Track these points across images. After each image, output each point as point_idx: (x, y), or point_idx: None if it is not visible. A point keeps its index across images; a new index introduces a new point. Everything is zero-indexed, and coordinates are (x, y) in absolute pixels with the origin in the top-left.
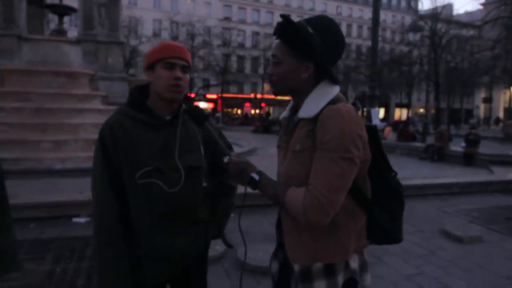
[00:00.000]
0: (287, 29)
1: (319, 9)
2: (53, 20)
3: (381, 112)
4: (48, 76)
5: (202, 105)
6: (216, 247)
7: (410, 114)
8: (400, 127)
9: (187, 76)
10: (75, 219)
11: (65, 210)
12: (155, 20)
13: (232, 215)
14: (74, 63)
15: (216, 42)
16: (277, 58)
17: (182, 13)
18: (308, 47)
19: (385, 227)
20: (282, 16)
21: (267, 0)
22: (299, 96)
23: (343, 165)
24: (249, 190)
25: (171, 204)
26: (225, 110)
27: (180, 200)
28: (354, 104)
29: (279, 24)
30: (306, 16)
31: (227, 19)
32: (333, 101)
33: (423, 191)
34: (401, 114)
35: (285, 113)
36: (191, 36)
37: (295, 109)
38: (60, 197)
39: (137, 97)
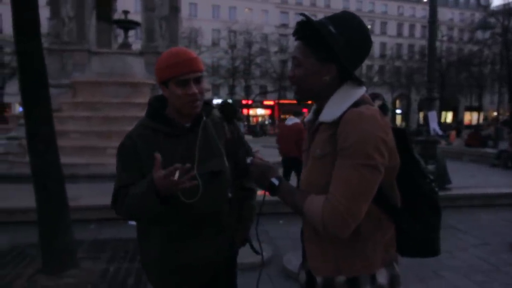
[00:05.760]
0: (307, 29)
1: (378, 10)
2: (121, 35)
3: (449, 116)
4: (114, 86)
5: (259, 111)
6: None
7: (481, 119)
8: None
9: (203, 84)
10: (130, 222)
11: None
12: (214, 30)
13: (281, 221)
14: (137, 74)
15: (273, 49)
16: (297, 60)
17: (240, 22)
18: (329, 47)
19: (418, 238)
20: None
21: (324, 4)
22: (322, 100)
23: (365, 173)
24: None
25: (195, 211)
26: (282, 116)
27: (202, 207)
28: (382, 106)
29: (298, 23)
30: (364, 19)
31: (284, 25)
32: (357, 104)
33: (492, 201)
34: (471, 118)
35: (309, 117)
36: (248, 44)
37: (318, 112)
38: None
39: (156, 108)
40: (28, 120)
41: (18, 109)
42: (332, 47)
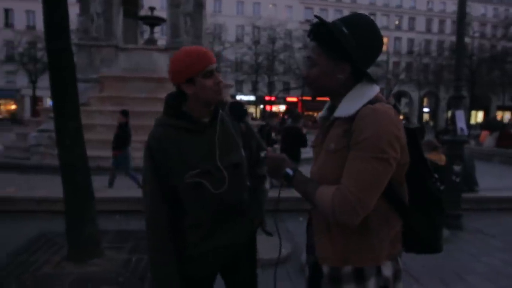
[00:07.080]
0: (321, 30)
1: (407, 6)
2: (147, 31)
3: (480, 116)
4: (139, 81)
5: (282, 108)
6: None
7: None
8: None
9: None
10: None
11: None
12: (238, 26)
13: (301, 219)
14: (162, 69)
15: (297, 45)
16: (312, 60)
17: (263, 17)
18: (342, 48)
19: (423, 236)
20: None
21: None
22: (337, 97)
23: (377, 165)
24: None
25: (221, 203)
26: (305, 113)
27: (228, 198)
28: (394, 106)
29: (312, 24)
30: (392, 15)
31: (308, 21)
32: (372, 102)
33: None
34: (503, 117)
35: (322, 113)
36: (272, 40)
37: (332, 109)
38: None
39: (173, 105)
40: (56, 115)
41: (49, 103)
42: (345, 47)
